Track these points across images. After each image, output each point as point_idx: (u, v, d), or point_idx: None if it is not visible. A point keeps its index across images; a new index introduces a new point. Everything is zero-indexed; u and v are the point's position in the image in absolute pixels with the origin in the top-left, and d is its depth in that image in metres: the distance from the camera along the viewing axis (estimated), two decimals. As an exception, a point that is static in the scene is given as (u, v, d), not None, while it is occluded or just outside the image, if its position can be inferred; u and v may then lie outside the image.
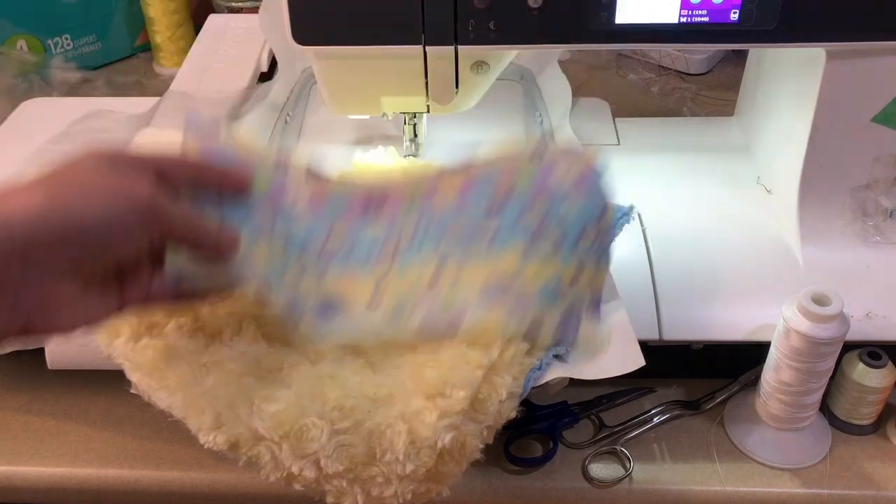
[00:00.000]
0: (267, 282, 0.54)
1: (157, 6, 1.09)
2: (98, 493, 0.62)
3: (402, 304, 0.56)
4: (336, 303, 0.56)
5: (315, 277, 0.56)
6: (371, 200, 0.58)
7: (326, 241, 0.57)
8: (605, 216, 0.57)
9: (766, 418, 0.62)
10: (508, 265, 0.55)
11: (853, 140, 0.65)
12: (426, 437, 0.50)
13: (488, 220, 0.57)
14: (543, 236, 0.56)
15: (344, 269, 0.56)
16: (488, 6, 0.58)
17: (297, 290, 0.55)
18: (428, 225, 0.58)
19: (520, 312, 0.54)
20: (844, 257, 0.67)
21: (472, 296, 0.55)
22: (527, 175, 0.57)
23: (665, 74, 1.09)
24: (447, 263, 0.57)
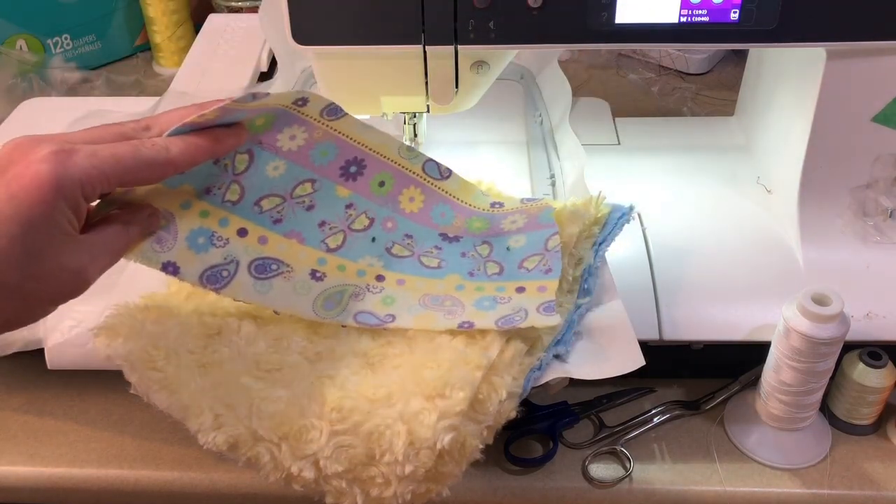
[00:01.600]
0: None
1: (156, 6, 1.09)
2: (98, 493, 0.62)
3: (343, 291, 0.57)
4: (277, 264, 0.56)
5: (261, 231, 0.56)
6: (354, 162, 0.59)
7: (294, 188, 0.57)
8: (550, 240, 0.61)
9: (767, 418, 0.62)
10: (446, 290, 0.59)
11: (853, 140, 0.65)
12: (426, 438, 0.50)
13: (439, 247, 0.62)
14: (483, 271, 0.61)
15: (295, 227, 0.58)
16: (488, 6, 0.58)
17: (234, 245, 0.55)
18: (385, 220, 0.61)
19: (451, 316, 0.56)
20: (844, 257, 0.67)
21: (411, 299, 0.58)
22: (483, 221, 0.63)
23: (665, 74, 1.09)
24: (391, 269, 0.60)
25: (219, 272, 0.54)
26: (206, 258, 0.54)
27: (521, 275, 0.60)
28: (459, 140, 0.81)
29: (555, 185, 0.75)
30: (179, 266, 0.52)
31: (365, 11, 0.59)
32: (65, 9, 1.08)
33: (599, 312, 0.60)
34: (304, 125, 0.56)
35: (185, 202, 0.53)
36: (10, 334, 0.62)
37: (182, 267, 0.52)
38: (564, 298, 0.60)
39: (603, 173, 0.74)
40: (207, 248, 0.54)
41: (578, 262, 0.62)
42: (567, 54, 1.11)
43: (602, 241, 0.63)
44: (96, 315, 0.61)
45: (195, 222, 0.54)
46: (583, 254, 0.62)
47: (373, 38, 0.60)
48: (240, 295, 0.54)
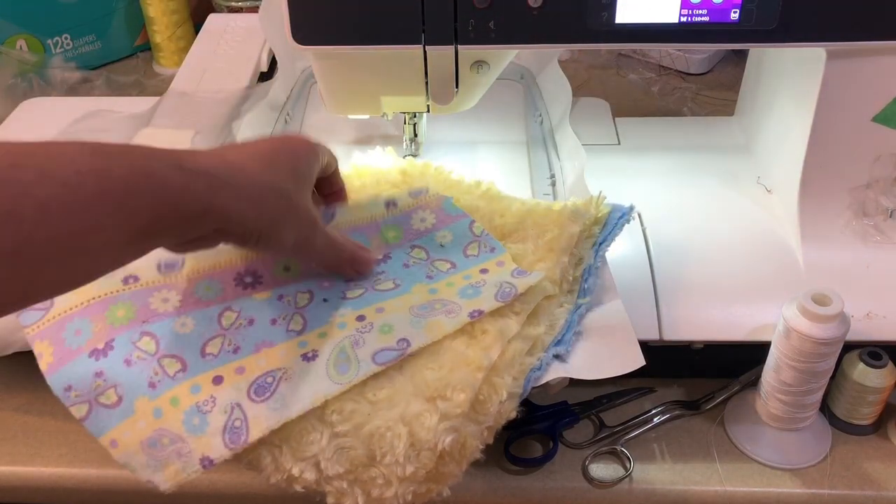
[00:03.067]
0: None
1: (156, 6, 1.09)
2: (98, 493, 0.62)
3: (342, 349, 0.54)
4: (270, 376, 0.53)
5: (231, 367, 0.53)
6: (240, 275, 0.58)
7: (220, 324, 0.55)
8: (473, 226, 0.63)
9: (767, 418, 0.62)
10: (423, 299, 0.58)
11: (853, 140, 0.65)
12: (426, 440, 0.50)
13: (381, 271, 0.61)
14: (437, 270, 0.61)
15: (255, 340, 0.55)
16: (488, 6, 0.58)
17: (221, 397, 0.52)
18: (320, 283, 0.59)
19: (453, 314, 0.55)
20: (844, 257, 0.67)
21: (404, 317, 0.56)
22: (395, 230, 0.63)
23: (665, 74, 1.09)
24: (362, 307, 0.58)
25: (233, 429, 0.50)
26: (214, 430, 0.50)
27: (473, 261, 0.61)
28: (459, 140, 0.81)
29: (555, 185, 0.75)
30: (211, 456, 0.50)
31: (365, 11, 0.59)
32: (65, 9, 1.08)
33: (599, 312, 0.60)
34: (172, 289, 0.56)
35: (156, 410, 0.51)
36: (11, 334, 0.62)
37: (213, 454, 0.50)
38: (565, 298, 0.60)
39: (603, 173, 0.74)
40: (205, 422, 0.51)
41: (579, 262, 0.62)
42: (567, 54, 1.11)
43: (602, 241, 0.63)
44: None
45: (180, 414, 0.51)
46: (583, 254, 0.62)
47: (373, 38, 0.60)
48: (265, 427, 0.50)
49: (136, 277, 0.56)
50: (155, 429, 0.51)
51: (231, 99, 0.88)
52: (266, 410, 0.51)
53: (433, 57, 0.62)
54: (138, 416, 0.51)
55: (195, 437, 0.50)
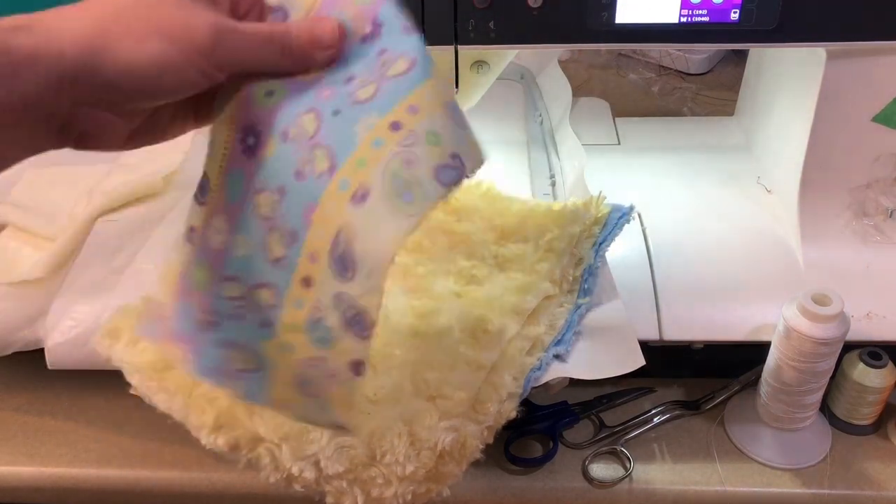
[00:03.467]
0: None
1: (156, 6, 1.09)
2: (98, 493, 0.62)
3: (394, 171, 0.42)
4: (338, 251, 0.43)
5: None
6: (242, 141, 0.49)
7: (257, 213, 0.47)
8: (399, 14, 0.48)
9: (767, 418, 0.62)
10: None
11: (853, 140, 0.65)
12: (426, 439, 0.50)
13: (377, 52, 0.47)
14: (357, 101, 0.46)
15: (300, 216, 0.45)
16: (488, 6, 0.58)
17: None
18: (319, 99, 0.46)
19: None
20: (844, 257, 0.67)
21: (444, 117, 0.44)
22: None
23: (665, 74, 1.09)
24: (393, 110, 0.44)
25: (353, 321, 0.43)
26: (339, 332, 0.43)
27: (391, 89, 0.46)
28: None
29: (555, 185, 0.75)
30: (356, 357, 0.42)
31: (365, 11, 0.59)
32: (65, 9, 1.08)
33: (599, 312, 0.60)
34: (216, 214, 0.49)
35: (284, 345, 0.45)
36: (11, 334, 0.62)
37: (357, 355, 0.43)
38: (565, 298, 0.60)
39: (603, 173, 0.74)
40: (327, 330, 0.43)
41: (579, 262, 0.62)
42: (567, 54, 1.11)
43: (602, 241, 0.63)
44: (96, 315, 0.61)
45: (302, 336, 0.44)
46: (583, 254, 0.62)
47: (373, 39, 0.60)
48: (376, 303, 0.42)
49: (192, 228, 0.49)
50: (295, 364, 0.44)
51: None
52: (361, 285, 0.42)
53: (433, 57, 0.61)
54: (276, 361, 0.45)
55: (330, 350, 0.43)
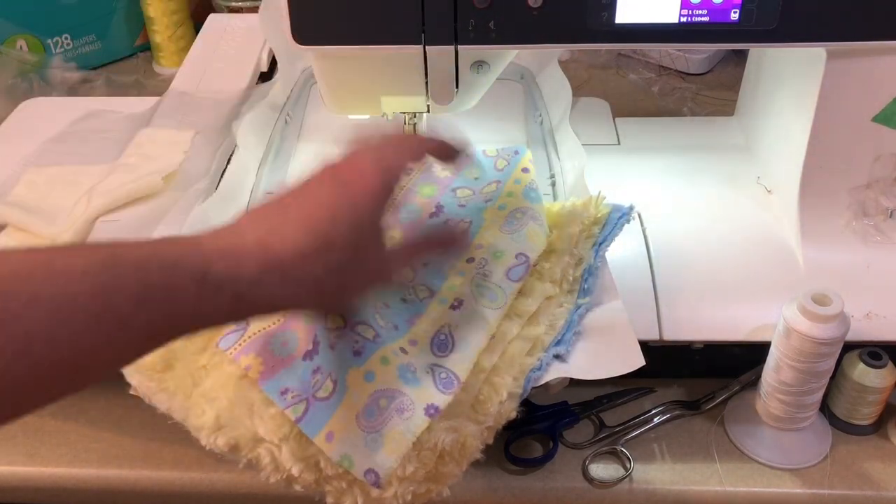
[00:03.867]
0: None
1: (156, 6, 1.09)
2: (98, 493, 0.62)
3: (477, 284, 0.58)
4: (440, 337, 0.56)
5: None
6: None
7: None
8: (486, 151, 0.72)
9: (767, 418, 0.62)
10: (499, 217, 0.63)
11: (853, 140, 0.65)
12: (426, 440, 0.50)
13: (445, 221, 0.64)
14: (488, 193, 0.67)
15: (405, 321, 0.57)
16: (488, 6, 0.58)
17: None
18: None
19: (537, 219, 0.62)
20: (844, 257, 0.67)
21: (504, 239, 0.61)
22: (426, 186, 0.69)
23: (665, 74, 1.09)
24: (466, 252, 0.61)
25: (442, 380, 0.53)
26: (427, 383, 0.52)
27: (508, 170, 0.68)
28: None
29: (555, 185, 0.75)
30: (435, 403, 0.52)
31: (365, 11, 0.59)
32: (65, 9, 1.08)
33: (599, 312, 0.60)
34: None
35: (368, 374, 0.53)
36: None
37: (436, 401, 0.52)
38: (565, 298, 0.60)
39: (603, 173, 0.74)
40: (416, 378, 0.53)
41: (579, 262, 0.62)
42: (567, 54, 1.11)
43: (602, 241, 0.63)
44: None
45: (394, 370, 0.53)
46: (583, 254, 0.62)
47: (373, 38, 0.60)
48: (467, 368, 0.54)
49: None
50: (370, 393, 0.51)
51: (231, 99, 0.88)
52: (459, 355, 0.54)
53: (433, 57, 0.62)
54: (352, 390, 0.51)
55: (414, 389, 0.51)
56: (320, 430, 0.50)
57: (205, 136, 0.80)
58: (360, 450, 0.49)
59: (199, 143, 0.79)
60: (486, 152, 0.72)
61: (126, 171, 0.75)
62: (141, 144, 0.79)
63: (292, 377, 0.51)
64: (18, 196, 0.74)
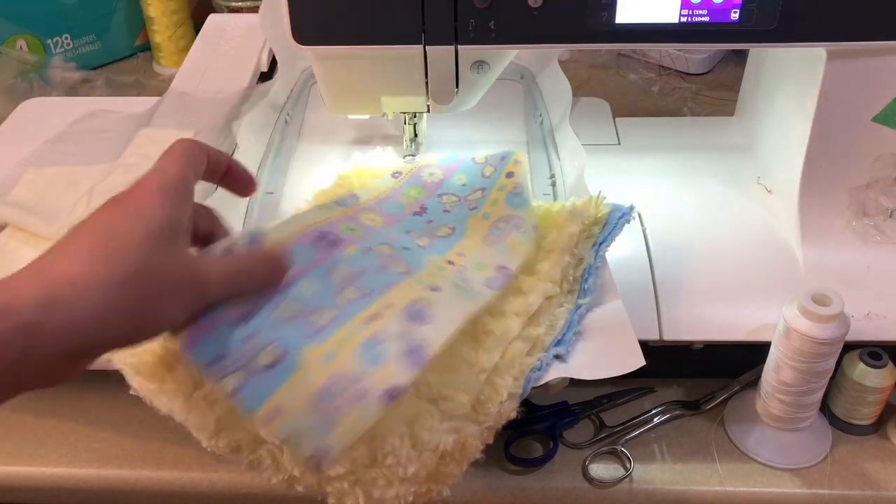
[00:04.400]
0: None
1: (157, 6, 1.09)
2: (98, 493, 0.62)
3: (455, 283, 0.55)
4: (416, 307, 0.51)
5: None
6: (320, 237, 0.56)
7: (331, 276, 0.53)
8: (475, 158, 0.72)
9: (767, 418, 0.62)
10: (482, 227, 0.63)
11: (853, 140, 0.65)
12: (427, 441, 0.50)
13: (427, 222, 0.64)
14: (473, 200, 0.67)
15: (379, 287, 0.53)
16: (488, 6, 0.58)
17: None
18: (389, 239, 0.59)
19: (521, 228, 0.61)
20: (844, 257, 0.67)
21: (486, 251, 0.60)
22: (412, 188, 0.69)
23: (665, 74, 1.09)
24: (447, 254, 0.60)
25: (413, 350, 0.48)
26: (396, 354, 0.48)
27: (495, 176, 0.68)
28: (459, 140, 0.81)
29: (555, 185, 0.75)
30: (396, 382, 0.46)
31: (365, 11, 0.59)
32: (65, 9, 1.08)
33: (599, 312, 0.60)
34: None
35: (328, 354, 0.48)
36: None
37: (398, 379, 0.47)
38: (565, 298, 0.60)
39: (603, 173, 0.74)
40: (386, 350, 0.48)
41: (579, 262, 0.62)
42: (567, 54, 1.11)
43: (602, 241, 0.63)
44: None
45: (354, 349, 0.49)
46: (583, 254, 0.62)
47: (373, 38, 0.60)
48: (441, 342, 0.49)
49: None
50: (328, 375, 0.46)
51: (231, 99, 0.88)
52: (433, 328, 0.49)
53: (433, 57, 0.62)
54: (307, 368, 0.46)
55: (375, 368, 0.46)
56: (262, 404, 0.45)
57: (205, 136, 0.80)
58: (308, 432, 0.45)
59: (199, 143, 0.79)
60: (476, 159, 0.71)
61: (126, 171, 0.75)
62: (141, 144, 0.79)
63: (221, 342, 0.47)
64: (18, 196, 0.74)
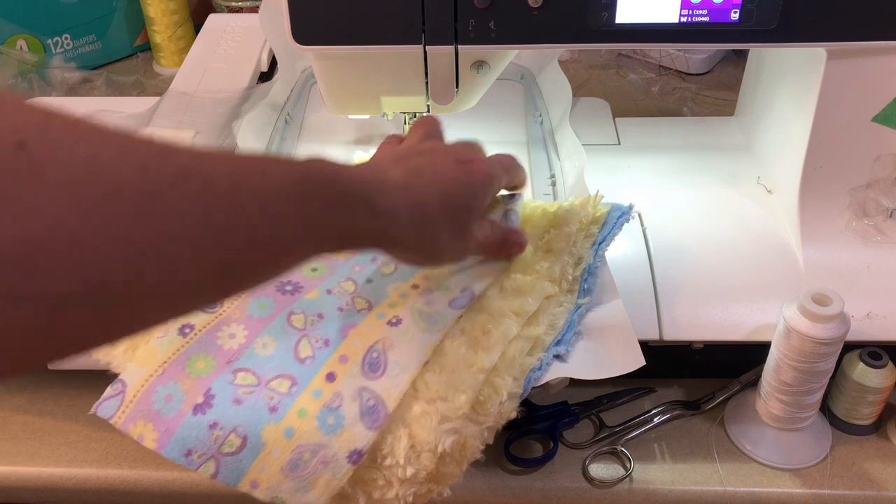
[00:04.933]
0: None
1: (156, 6, 1.09)
2: (98, 493, 0.62)
3: (418, 309, 0.56)
4: (373, 355, 0.54)
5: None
6: (280, 286, 0.59)
7: (291, 325, 0.56)
8: None
9: (767, 418, 0.62)
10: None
11: (853, 140, 0.65)
12: (427, 441, 0.50)
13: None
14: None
15: (337, 331, 0.55)
16: (488, 6, 0.58)
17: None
18: (354, 273, 0.60)
19: (488, 262, 0.60)
20: (844, 257, 0.67)
21: (453, 276, 0.59)
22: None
23: (665, 74, 1.09)
24: (412, 278, 0.60)
25: (369, 410, 0.51)
26: (351, 419, 0.51)
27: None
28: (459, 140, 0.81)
29: (555, 185, 0.75)
30: (358, 446, 0.50)
31: (365, 11, 0.59)
32: (65, 9, 1.08)
33: (599, 312, 0.60)
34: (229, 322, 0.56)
35: (287, 430, 0.51)
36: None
37: (359, 444, 0.50)
38: (564, 298, 0.60)
39: (603, 173, 0.74)
40: (341, 416, 0.51)
41: (578, 262, 0.62)
42: (567, 54, 1.11)
43: (602, 240, 0.63)
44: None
45: (312, 422, 0.51)
46: (583, 253, 0.62)
47: (373, 38, 0.60)
48: (398, 395, 0.51)
49: (190, 325, 0.55)
50: (292, 449, 0.49)
51: (231, 99, 0.88)
52: (389, 380, 0.52)
53: (433, 57, 0.62)
54: (270, 446, 0.50)
55: (335, 436, 0.50)
56: (241, 481, 0.49)
57: (205, 136, 0.80)
58: (289, 492, 0.49)
59: (199, 143, 0.79)
60: None
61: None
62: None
63: (189, 435, 0.50)
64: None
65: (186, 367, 0.53)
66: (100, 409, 0.52)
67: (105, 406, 0.52)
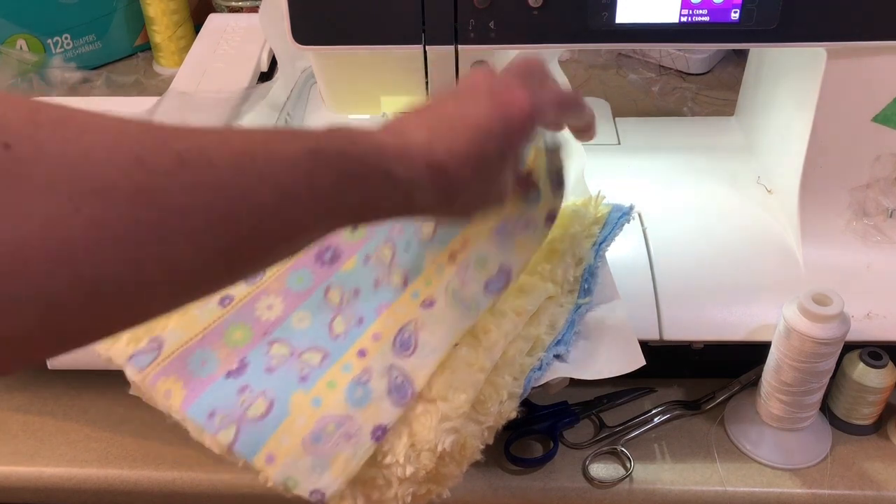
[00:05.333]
0: None
1: (156, 6, 1.09)
2: (98, 493, 0.62)
3: (453, 291, 0.55)
4: (405, 335, 0.54)
5: None
6: (319, 255, 0.58)
7: (327, 301, 0.57)
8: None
9: (767, 418, 0.62)
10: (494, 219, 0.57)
11: (853, 140, 0.65)
12: (426, 441, 0.50)
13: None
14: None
15: (373, 310, 0.56)
16: (488, 6, 0.58)
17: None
18: (393, 236, 0.59)
19: (531, 225, 0.56)
20: (844, 257, 0.67)
21: (490, 244, 0.56)
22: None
23: (665, 74, 1.09)
24: (450, 245, 0.57)
25: (397, 387, 0.51)
26: (379, 394, 0.51)
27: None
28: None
29: (555, 185, 0.75)
30: (383, 422, 0.50)
31: (365, 11, 0.59)
32: (65, 9, 1.08)
33: (599, 312, 0.60)
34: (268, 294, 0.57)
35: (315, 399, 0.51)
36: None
37: (384, 419, 0.50)
38: (565, 298, 0.60)
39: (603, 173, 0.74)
40: (369, 391, 0.51)
41: (579, 262, 0.62)
42: (567, 54, 1.11)
43: (602, 240, 0.63)
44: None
45: (341, 393, 0.52)
46: (583, 253, 0.62)
47: (373, 38, 0.60)
48: (426, 374, 0.52)
49: (230, 297, 0.56)
50: (317, 419, 0.50)
51: (231, 99, 0.88)
52: (419, 360, 0.52)
53: (433, 57, 0.62)
54: (296, 413, 0.50)
55: (362, 409, 0.50)
56: (258, 452, 0.49)
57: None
58: (305, 472, 0.48)
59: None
60: None
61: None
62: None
63: (217, 396, 0.50)
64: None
65: (224, 336, 0.54)
66: (133, 360, 0.52)
67: (138, 359, 0.52)
